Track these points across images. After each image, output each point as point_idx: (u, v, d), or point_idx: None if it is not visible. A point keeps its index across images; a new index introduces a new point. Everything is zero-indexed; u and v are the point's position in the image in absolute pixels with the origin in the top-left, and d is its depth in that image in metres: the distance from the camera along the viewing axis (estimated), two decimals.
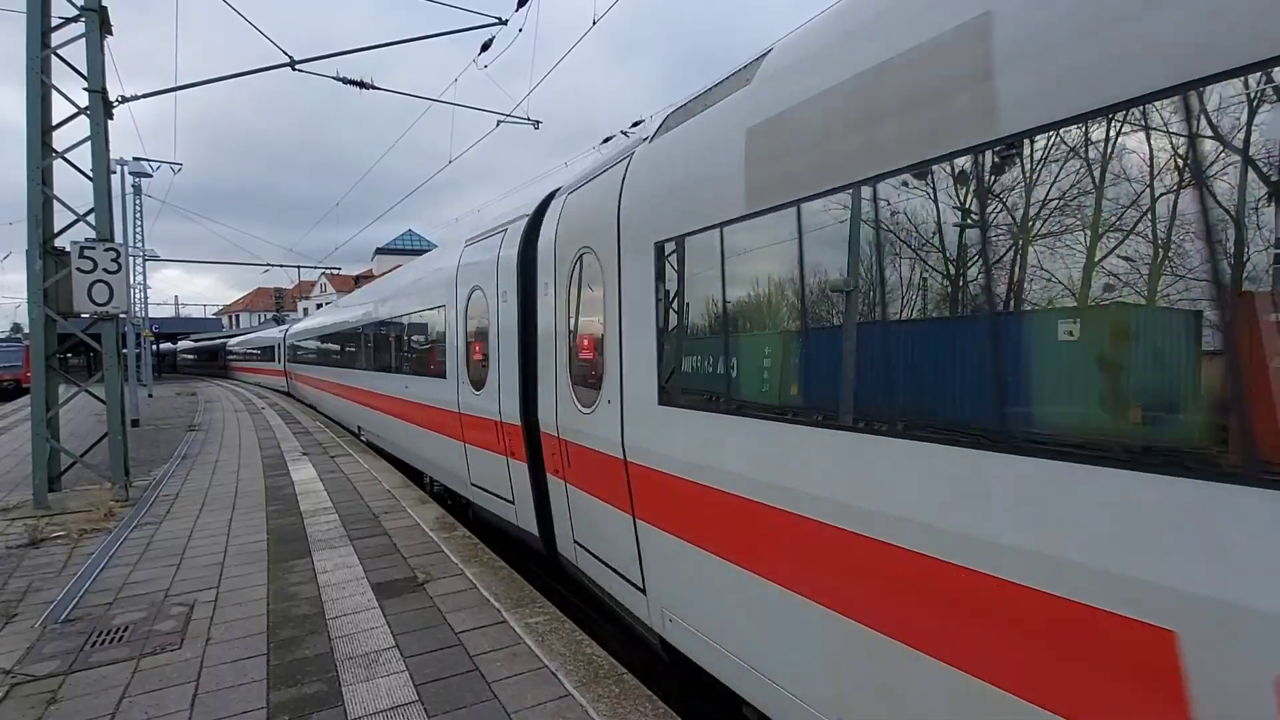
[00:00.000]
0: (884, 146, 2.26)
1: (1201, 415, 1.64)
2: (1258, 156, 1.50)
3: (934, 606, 2.10)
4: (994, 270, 2.02)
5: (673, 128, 3.77)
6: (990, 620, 1.94)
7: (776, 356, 2.94)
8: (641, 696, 3.44)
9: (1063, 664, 1.76)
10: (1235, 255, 1.55)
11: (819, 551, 2.56)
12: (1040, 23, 1.81)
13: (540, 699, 3.42)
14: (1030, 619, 1.83)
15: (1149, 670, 1.58)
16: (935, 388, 2.23)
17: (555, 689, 3.52)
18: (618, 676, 3.65)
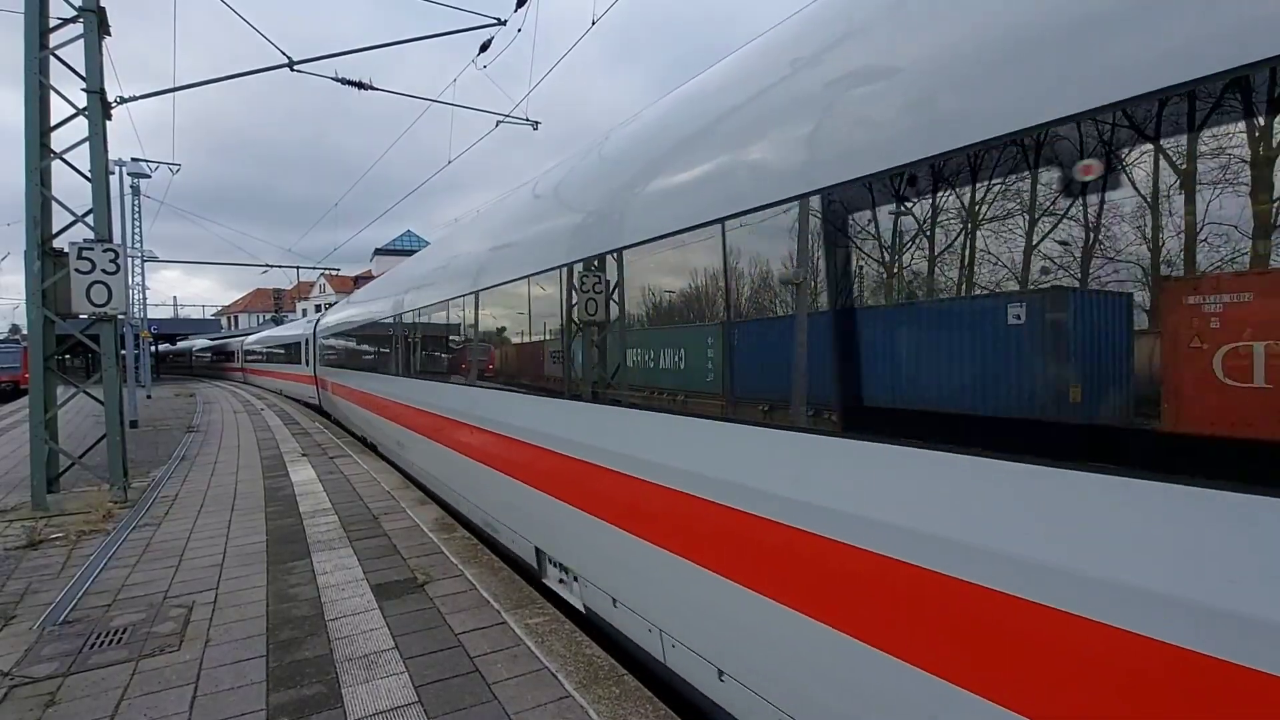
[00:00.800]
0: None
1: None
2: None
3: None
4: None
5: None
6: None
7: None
8: (642, 698, 3.44)
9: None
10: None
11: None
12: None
13: (540, 700, 3.41)
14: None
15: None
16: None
17: (555, 690, 3.51)
18: (618, 678, 3.65)
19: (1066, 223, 1.86)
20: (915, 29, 2.26)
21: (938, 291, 2.25)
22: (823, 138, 2.50)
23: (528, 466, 4.97)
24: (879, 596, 2.19)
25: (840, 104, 2.46)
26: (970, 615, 1.91)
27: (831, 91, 2.51)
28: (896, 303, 2.39)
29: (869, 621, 2.24)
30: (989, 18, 1.98)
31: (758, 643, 2.78)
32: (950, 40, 2.09)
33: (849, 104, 2.42)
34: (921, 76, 2.17)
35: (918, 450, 2.12)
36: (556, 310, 4.64)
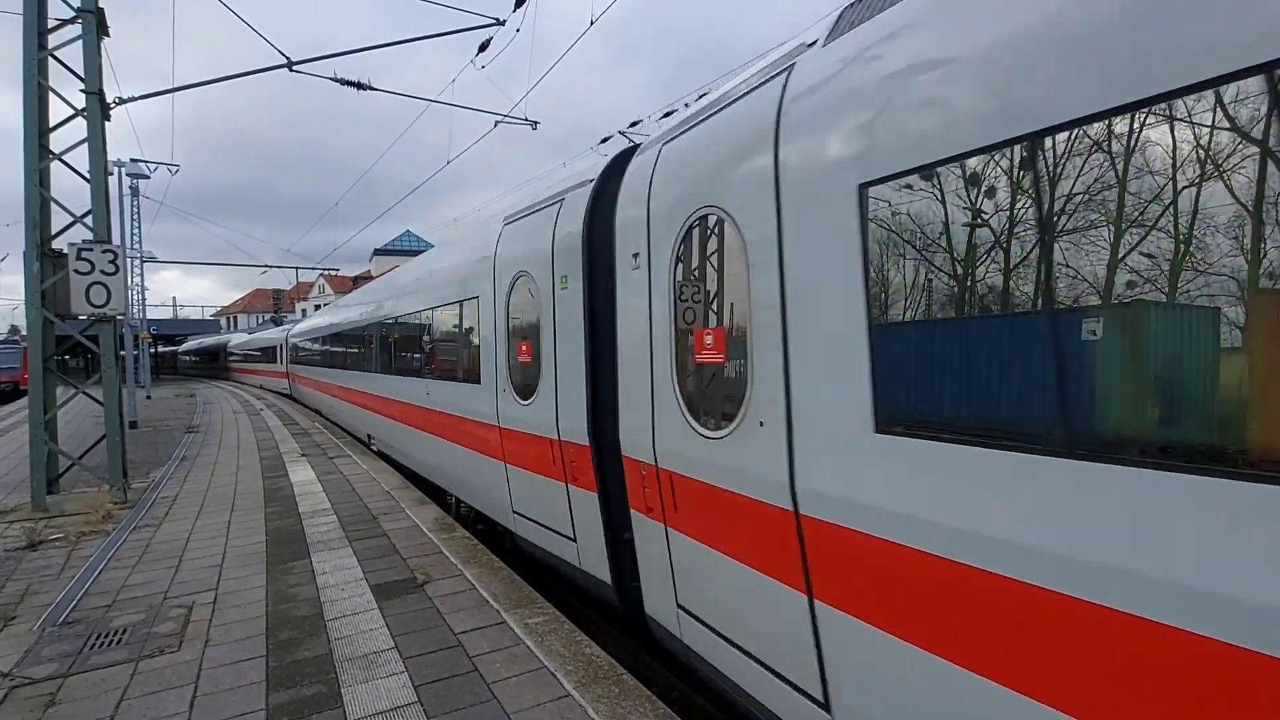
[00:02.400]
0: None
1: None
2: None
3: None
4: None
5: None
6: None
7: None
8: (641, 697, 3.44)
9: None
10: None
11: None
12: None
13: (540, 699, 3.42)
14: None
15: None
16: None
17: (555, 689, 3.52)
18: (617, 677, 3.65)
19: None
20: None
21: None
22: None
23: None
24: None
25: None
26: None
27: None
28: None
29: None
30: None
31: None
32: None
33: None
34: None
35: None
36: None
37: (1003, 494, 1.95)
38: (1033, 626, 1.87)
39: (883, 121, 2.35)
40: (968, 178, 2.11)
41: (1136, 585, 1.65)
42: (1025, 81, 1.90)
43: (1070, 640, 1.79)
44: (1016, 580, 1.90)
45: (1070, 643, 1.79)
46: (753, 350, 3.00)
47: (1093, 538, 1.74)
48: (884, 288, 2.40)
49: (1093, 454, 1.75)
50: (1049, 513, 1.84)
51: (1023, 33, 1.92)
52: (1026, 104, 1.89)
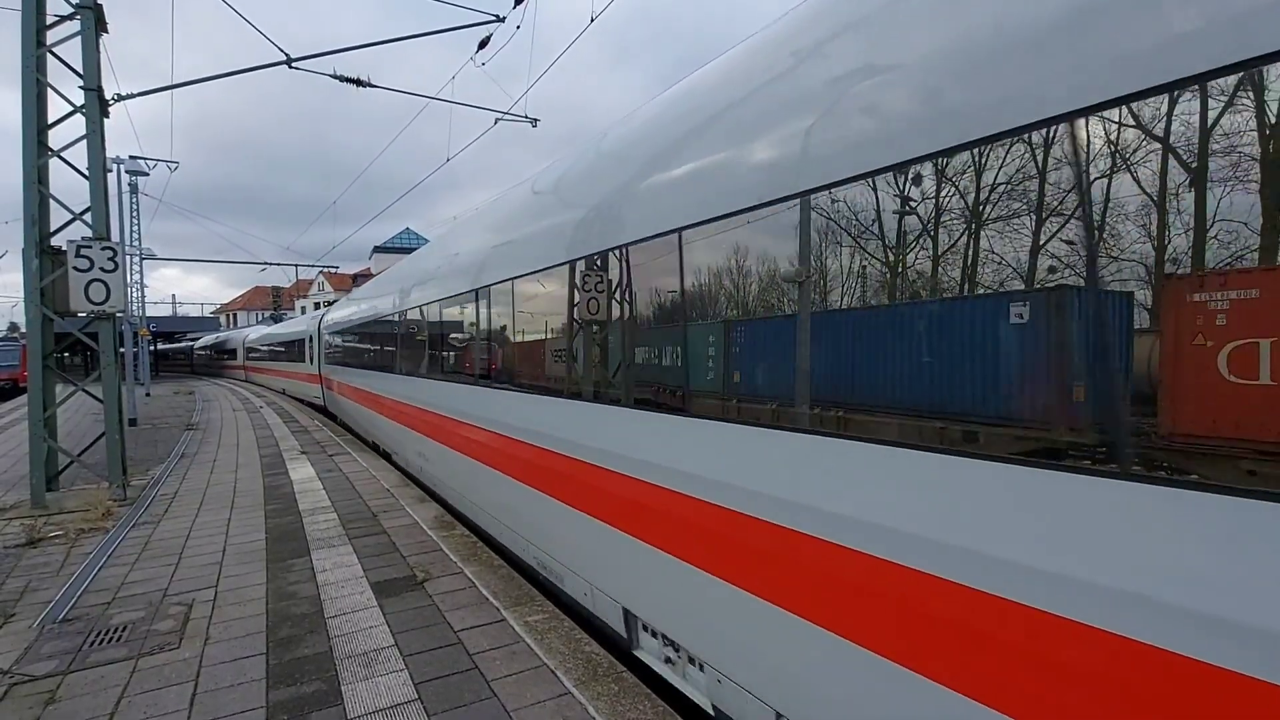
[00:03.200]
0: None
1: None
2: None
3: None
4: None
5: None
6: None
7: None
8: (640, 694, 3.44)
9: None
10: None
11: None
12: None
13: (539, 697, 3.42)
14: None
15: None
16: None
17: (554, 687, 3.52)
18: (617, 674, 3.65)
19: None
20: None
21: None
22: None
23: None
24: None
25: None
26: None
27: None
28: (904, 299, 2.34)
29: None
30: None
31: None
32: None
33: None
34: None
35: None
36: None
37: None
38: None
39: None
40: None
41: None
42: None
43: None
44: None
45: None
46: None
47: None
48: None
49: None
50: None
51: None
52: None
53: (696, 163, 3.22)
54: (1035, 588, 1.80)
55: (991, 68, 1.95)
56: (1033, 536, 1.81)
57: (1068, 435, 1.87)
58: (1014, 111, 1.87)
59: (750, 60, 3.13)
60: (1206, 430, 1.60)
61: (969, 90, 1.99)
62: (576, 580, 4.42)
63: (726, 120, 3.05)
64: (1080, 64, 1.73)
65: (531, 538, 5.20)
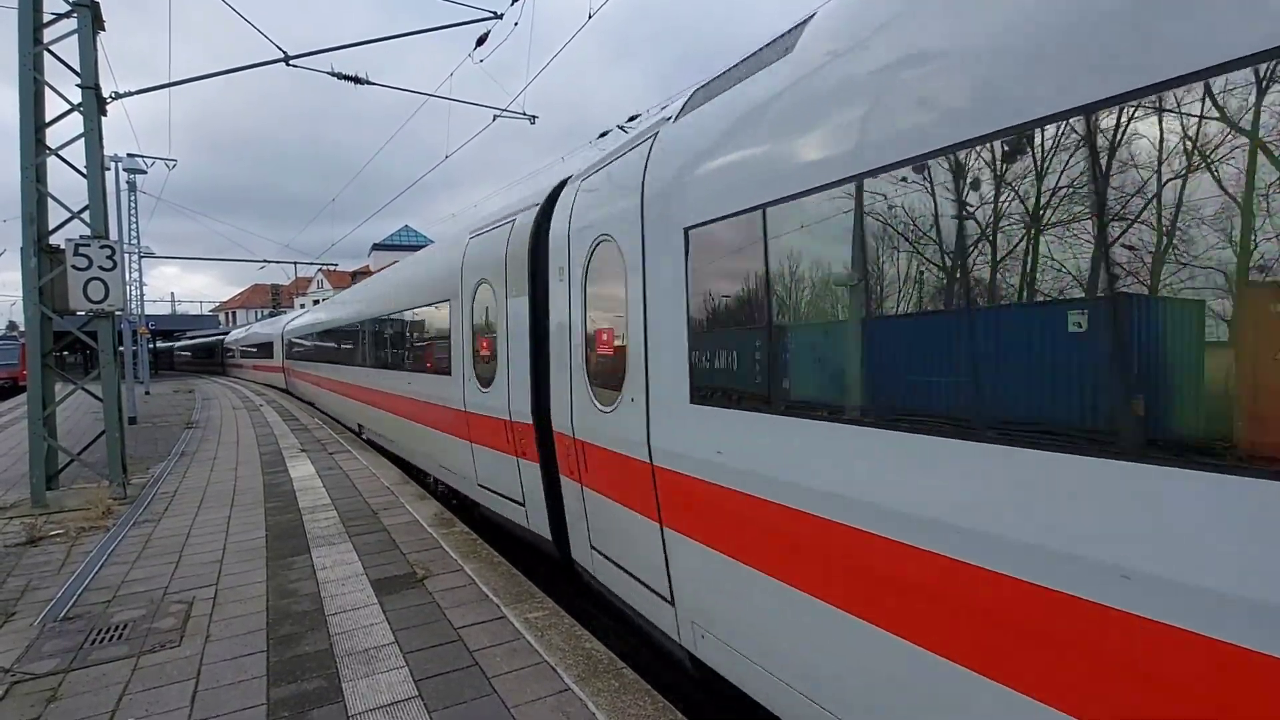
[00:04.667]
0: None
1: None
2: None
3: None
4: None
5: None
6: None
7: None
8: (641, 690, 3.46)
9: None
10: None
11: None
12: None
13: (540, 694, 3.43)
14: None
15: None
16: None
17: (555, 684, 3.53)
18: (617, 671, 3.67)
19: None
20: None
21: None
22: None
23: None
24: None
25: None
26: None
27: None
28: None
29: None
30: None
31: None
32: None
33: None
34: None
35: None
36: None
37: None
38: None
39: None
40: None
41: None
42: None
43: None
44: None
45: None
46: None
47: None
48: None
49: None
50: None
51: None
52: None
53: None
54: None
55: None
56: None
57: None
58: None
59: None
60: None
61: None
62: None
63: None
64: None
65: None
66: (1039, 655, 1.84)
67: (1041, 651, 1.84)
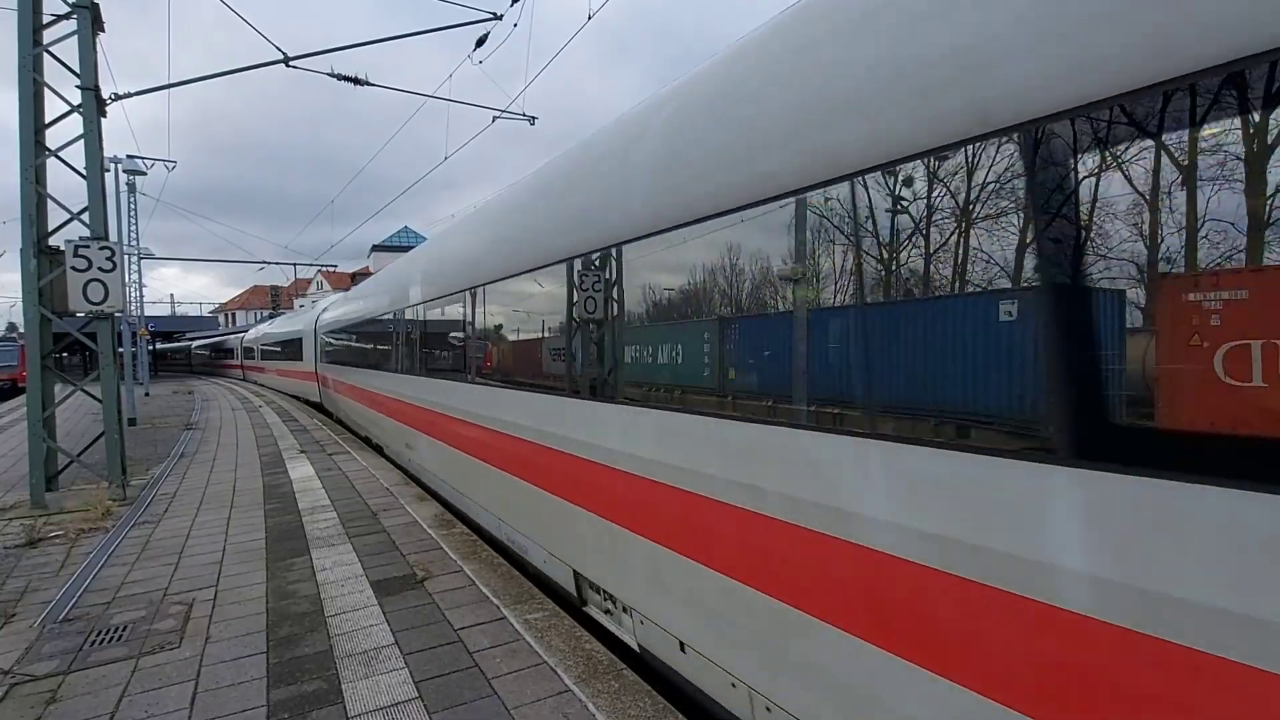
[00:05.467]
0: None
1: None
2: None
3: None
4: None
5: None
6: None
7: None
8: (641, 691, 3.45)
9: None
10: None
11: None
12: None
13: (540, 695, 3.43)
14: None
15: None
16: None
17: (555, 685, 3.53)
18: (617, 672, 3.66)
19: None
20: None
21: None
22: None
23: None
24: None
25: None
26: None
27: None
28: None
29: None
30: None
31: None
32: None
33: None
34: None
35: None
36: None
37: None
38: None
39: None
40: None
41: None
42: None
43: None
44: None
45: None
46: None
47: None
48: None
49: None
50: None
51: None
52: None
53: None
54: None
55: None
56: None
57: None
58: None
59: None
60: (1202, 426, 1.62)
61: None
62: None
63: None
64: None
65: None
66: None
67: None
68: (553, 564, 4.91)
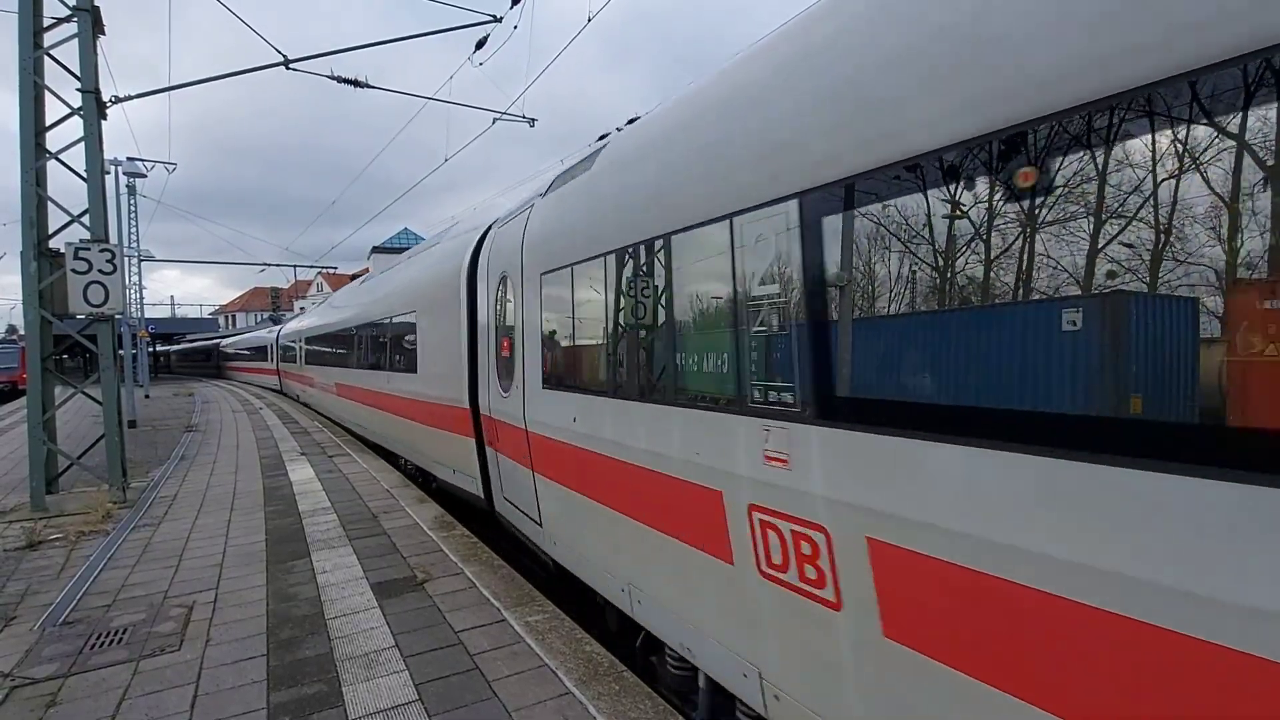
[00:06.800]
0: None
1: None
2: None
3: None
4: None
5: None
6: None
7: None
8: (641, 694, 3.45)
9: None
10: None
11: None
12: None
13: (540, 697, 3.43)
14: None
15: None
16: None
17: (555, 687, 3.52)
18: (618, 674, 3.66)
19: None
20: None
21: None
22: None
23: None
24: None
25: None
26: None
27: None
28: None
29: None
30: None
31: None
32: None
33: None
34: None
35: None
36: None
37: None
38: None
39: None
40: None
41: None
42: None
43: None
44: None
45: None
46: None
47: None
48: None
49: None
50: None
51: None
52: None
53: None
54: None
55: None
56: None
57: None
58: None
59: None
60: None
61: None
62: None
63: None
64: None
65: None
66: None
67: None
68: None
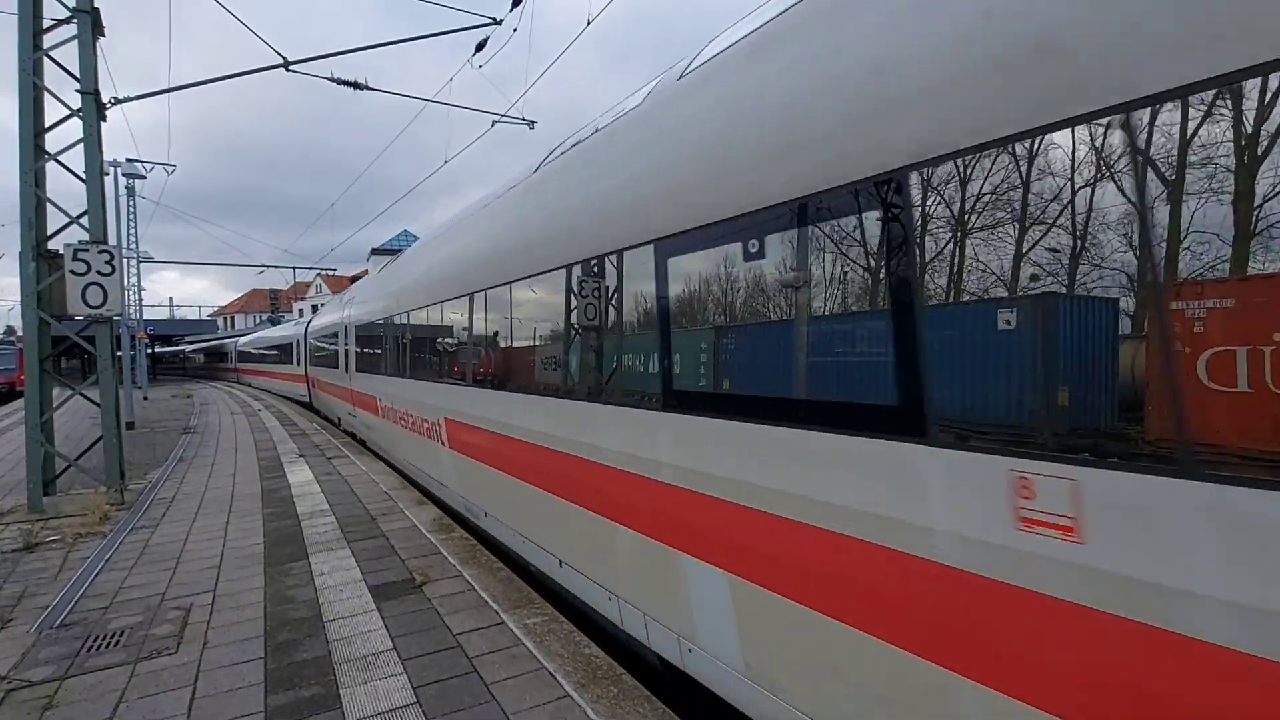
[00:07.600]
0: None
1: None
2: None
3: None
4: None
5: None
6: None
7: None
8: (640, 697, 3.44)
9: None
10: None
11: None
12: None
13: (539, 700, 3.42)
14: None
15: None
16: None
17: (554, 690, 3.52)
18: (616, 677, 3.65)
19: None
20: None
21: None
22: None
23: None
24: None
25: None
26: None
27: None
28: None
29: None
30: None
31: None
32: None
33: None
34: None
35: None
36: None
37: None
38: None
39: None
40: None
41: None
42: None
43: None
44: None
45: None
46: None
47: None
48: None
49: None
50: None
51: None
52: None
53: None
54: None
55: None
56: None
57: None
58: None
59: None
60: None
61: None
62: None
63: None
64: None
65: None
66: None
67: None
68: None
